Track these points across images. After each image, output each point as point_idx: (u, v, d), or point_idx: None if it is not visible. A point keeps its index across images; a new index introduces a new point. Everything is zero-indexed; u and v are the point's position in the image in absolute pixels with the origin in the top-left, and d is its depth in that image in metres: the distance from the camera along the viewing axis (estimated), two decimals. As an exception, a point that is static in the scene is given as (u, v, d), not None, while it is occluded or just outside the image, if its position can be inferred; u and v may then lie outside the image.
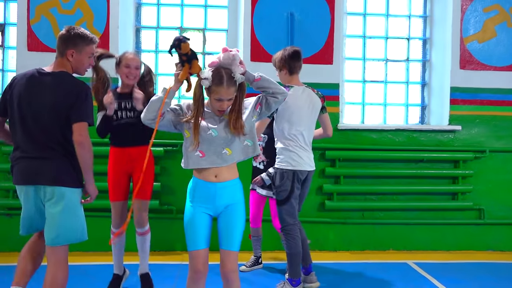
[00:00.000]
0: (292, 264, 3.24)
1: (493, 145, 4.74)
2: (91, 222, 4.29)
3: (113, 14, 4.37)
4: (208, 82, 2.28)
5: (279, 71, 3.35)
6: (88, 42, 2.54)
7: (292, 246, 3.20)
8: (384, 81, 5.02)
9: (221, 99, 2.29)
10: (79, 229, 2.58)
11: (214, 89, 2.28)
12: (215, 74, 2.27)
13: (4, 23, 4.64)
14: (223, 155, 2.34)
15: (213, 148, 2.34)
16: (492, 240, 4.72)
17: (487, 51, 4.72)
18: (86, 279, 3.57)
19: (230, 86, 2.27)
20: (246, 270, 3.88)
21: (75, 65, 2.55)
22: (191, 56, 2.31)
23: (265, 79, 2.34)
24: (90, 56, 2.59)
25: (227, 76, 2.27)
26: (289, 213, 3.21)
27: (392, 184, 4.65)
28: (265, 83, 2.34)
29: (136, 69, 3.21)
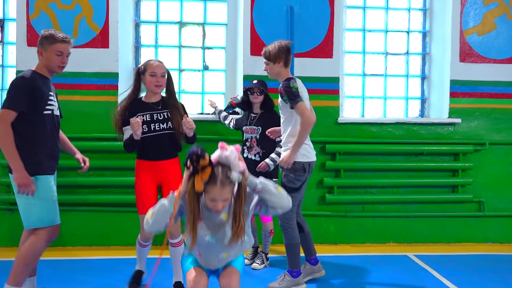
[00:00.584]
0: (292, 255, 3.25)
1: (493, 138, 4.75)
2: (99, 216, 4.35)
3: (113, 9, 4.37)
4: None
5: (272, 63, 3.24)
6: (52, 41, 2.81)
7: (292, 237, 3.22)
8: (384, 75, 5.02)
9: (215, 199, 2.11)
10: (32, 216, 2.76)
11: (209, 189, 2.10)
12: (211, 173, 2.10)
13: (4, 18, 4.63)
14: (220, 258, 2.27)
15: (211, 253, 2.25)
16: (492, 233, 4.74)
17: (487, 43, 4.71)
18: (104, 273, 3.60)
19: (224, 186, 2.08)
20: (260, 267, 3.82)
21: (45, 62, 2.85)
22: (206, 165, 2.10)
23: (267, 191, 2.17)
24: (58, 54, 2.82)
25: (222, 176, 2.08)
26: (293, 203, 3.22)
27: (392, 177, 4.66)
28: (267, 195, 2.17)
29: (162, 77, 3.08)
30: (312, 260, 3.47)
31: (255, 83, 3.88)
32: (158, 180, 3.08)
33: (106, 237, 4.37)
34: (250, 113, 3.93)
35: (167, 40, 4.87)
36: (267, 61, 3.27)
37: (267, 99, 3.88)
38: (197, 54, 4.88)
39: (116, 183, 4.39)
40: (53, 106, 2.88)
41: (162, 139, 3.05)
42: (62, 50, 2.83)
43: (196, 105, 4.89)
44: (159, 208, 2.15)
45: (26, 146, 2.73)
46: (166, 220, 2.15)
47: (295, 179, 3.21)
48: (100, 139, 4.32)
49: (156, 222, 2.14)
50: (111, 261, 3.93)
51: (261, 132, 3.81)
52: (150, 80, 3.05)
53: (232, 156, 2.10)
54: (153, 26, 4.84)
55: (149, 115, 3.05)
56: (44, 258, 3.60)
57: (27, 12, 4.29)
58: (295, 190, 3.22)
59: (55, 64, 2.84)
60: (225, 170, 2.10)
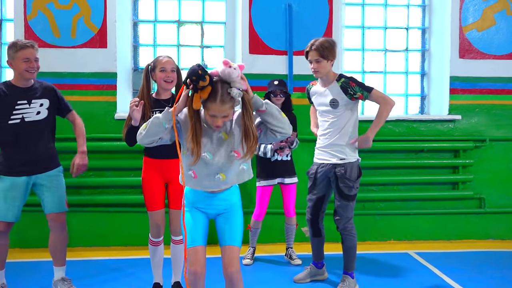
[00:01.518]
0: (352, 258, 3.24)
1: (493, 134, 4.73)
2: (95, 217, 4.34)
3: (110, 8, 4.35)
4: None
5: (326, 61, 3.08)
6: (15, 49, 2.92)
7: (354, 240, 3.21)
8: (383, 72, 5.00)
9: (215, 115, 2.13)
10: None
11: (208, 105, 2.13)
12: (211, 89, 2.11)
13: (1, 19, 4.61)
14: (216, 180, 2.25)
15: (206, 171, 2.24)
16: (492, 229, 4.73)
17: (486, 39, 4.70)
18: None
19: (224, 103, 2.10)
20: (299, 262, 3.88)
21: (16, 72, 2.99)
22: (208, 84, 2.10)
23: (270, 113, 2.18)
24: (25, 60, 2.92)
25: (222, 91, 2.09)
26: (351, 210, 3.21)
27: (392, 175, 4.65)
28: (269, 118, 2.18)
29: (172, 72, 3.02)
30: (319, 264, 3.48)
31: (276, 84, 3.84)
32: (165, 178, 3.04)
33: (106, 237, 4.37)
34: None
35: (166, 39, 4.85)
36: (321, 58, 3.07)
37: (288, 99, 3.88)
38: (196, 53, 4.87)
39: (116, 183, 4.39)
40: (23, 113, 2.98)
41: None
42: (28, 56, 2.93)
43: (195, 104, 4.88)
44: (152, 120, 2.18)
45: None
46: (158, 133, 2.18)
47: (355, 186, 3.18)
48: (99, 139, 4.31)
49: (149, 133, 2.18)
50: (112, 262, 3.93)
51: None
52: (160, 76, 2.99)
53: (235, 73, 2.09)
54: (151, 25, 4.82)
55: (159, 112, 2.92)
56: (44, 259, 3.61)
57: (25, 12, 4.27)
58: (354, 198, 3.20)
59: (23, 69, 2.94)
60: (226, 86, 2.10)
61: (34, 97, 3.03)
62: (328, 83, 3.18)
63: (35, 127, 3.01)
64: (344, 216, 3.19)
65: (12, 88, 3.01)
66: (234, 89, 2.09)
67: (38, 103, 3.03)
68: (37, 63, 2.99)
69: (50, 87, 3.15)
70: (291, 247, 4.00)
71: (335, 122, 3.17)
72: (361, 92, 3.10)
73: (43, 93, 3.07)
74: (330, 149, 3.19)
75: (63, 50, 4.32)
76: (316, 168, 3.28)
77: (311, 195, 3.33)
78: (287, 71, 4.50)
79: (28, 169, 3.01)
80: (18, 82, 3.02)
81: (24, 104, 2.98)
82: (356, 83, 3.11)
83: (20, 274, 3.52)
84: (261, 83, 4.49)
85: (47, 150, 3.08)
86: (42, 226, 3.44)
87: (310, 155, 4.44)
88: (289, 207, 3.92)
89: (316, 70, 3.13)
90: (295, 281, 3.47)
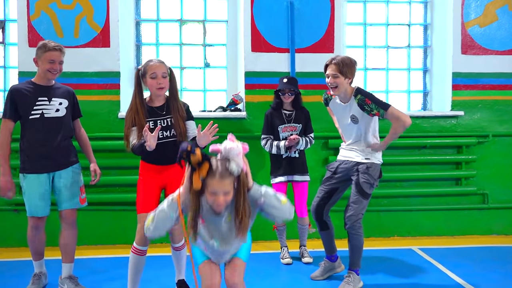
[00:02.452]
0: (358, 256, 3.26)
1: (496, 130, 4.74)
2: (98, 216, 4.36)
3: (113, 8, 4.37)
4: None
5: (343, 78, 3.09)
6: (44, 50, 3.06)
7: (361, 240, 3.23)
8: (385, 68, 5.01)
9: (215, 192, 2.07)
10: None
11: (208, 182, 2.06)
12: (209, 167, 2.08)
13: (4, 19, 4.64)
14: (224, 255, 2.29)
15: (214, 253, 2.27)
16: (496, 225, 4.74)
17: (488, 35, 4.69)
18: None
19: (224, 178, 2.05)
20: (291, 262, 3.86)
21: (40, 70, 3.13)
22: (202, 161, 2.06)
23: (269, 204, 2.14)
24: (50, 62, 3.06)
25: (221, 167, 2.06)
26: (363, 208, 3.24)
27: (395, 171, 4.66)
28: (269, 208, 2.16)
29: (164, 78, 2.85)
30: (333, 257, 3.49)
31: (285, 82, 3.84)
32: (162, 182, 2.92)
33: (111, 236, 4.39)
34: (283, 111, 3.89)
35: (168, 38, 4.87)
36: (338, 74, 3.09)
37: (298, 96, 3.89)
38: (198, 51, 4.88)
39: (120, 182, 4.41)
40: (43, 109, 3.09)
41: (166, 147, 2.84)
42: (53, 58, 3.07)
43: (198, 102, 4.90)
44: (159, 214, 2.14)
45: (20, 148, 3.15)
46: (167, 225, 2.14)
47: (374, 185, 3.22)
48: (103, 138, 4.34)
49: (157, 228, 2.14)
50: (116, 260, 3.95)
51: (301, 128, 3.87)
52: (151, 83, 2.84)
53: (235, 151, 2.07)
54: (154, 24, 4.84)
55: (153, 122, 2.85)
56: (50, 258, 3.63)
57: (28, 13, 4.30)
58: (369, 196, 3.24)
59: (45, 69, 3.08)
60: (225, 162, 2.07)
61: (54, 95, 3.15)
62: (347, 99, 3.23)
63: (53, 123, 3.12)
64: (355, 212, 3.20)
65: (34, 85, 3.14)
66: (233, 164, 2.06)
67: (58, 101, 3.15)
68: (60, 66, 3.13)
69: (70, 91, 3.29)
70: (304, 245, 3.97)
71: (358, 132, 3.26)
72: (377, 110, 3.11)
73: (63, 94, 3.21)
74: (356, 149, 3.26)
75: (66, 50, 4.28)
76: (338, 164, 3.35)
77: (324, 186, 3.38)
78: (289, 69, 4.51)
79: (48, 164, 3.10)
80: (40, 81, 3.14)
81: (44, 100, 3.11)
82: (372, 100, 3.11)
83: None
84: (263, 81, 4.51)
85: (64, 147, 3.16)
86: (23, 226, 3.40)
87: (316, 152, 4.51)
88: (300, 206, 3.89)
89: (333, 85, 3.14)
90: (312, 278, 3.48)
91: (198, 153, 2.04)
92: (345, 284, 3.25)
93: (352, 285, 3.23)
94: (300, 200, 3.90)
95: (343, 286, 3.24)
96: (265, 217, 2.24)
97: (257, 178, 4.44)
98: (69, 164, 3.18)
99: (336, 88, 3.14)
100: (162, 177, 2.91)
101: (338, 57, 3.15)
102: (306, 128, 3.93)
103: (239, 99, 4.57)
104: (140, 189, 2.90)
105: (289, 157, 3.86)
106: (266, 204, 2.15)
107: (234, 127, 4.42)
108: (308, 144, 3.89)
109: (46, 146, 3.09)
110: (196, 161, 2.04)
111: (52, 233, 3.45)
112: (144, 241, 2.80)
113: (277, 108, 3.90)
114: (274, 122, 3.88)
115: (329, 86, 3.18)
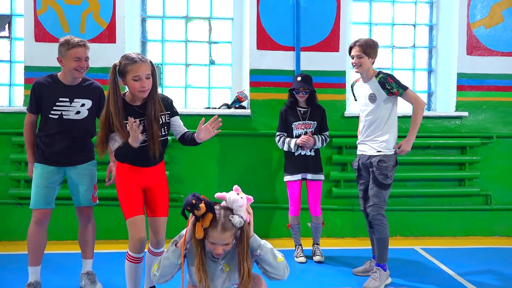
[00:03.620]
0: (383, 249, 3.27)
1: (500, 131, 4.73)
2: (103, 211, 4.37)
3: (119, 4, 4.38)
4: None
5: (367, 58, 3.27)
6: (68, 48, 2.91)
7: (386, 231, 3.25)
8: (390, 68, 5.01)
9: (215, 243, 2.08)
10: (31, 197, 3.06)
11: (209, 232, 2.08)
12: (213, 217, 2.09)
13: (11, 14, 4.65)
14: None
15: None
16: (499, 226, 4.73)
17: (494, 36, 4.69)
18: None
19: (225, 230, 2.06)
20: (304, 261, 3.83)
21: (65, 69, 2.97)
22: (206, 212, 2.09)
23: (265, 260, 2.14)
24: (76, 59, 2.92)
25: (224, 219, 2.07)
26: (385, 198, 3.28)
27: (399, 171, 4.58)
28: (263, 263, 2.16)
29: (148, 79, 2.52)
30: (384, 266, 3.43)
31: (299, 81, 3.82)
32: (143, 183, 2.71)
33: (115, 231, 4.40)
34: (298, 108, 3.89)
35: (174, 34, 4.88)
36: (363, 54, 3.26)
37: (312, 94, 3.88)
38: (204, 48, 4.89)
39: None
40: (62, 110, 2.98)
41: (142, 150, 2.59)
42: (79, 55, 2.92)
43: (203, 99, 4.90)
44: (163, 261, 2.17)
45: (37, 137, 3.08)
46: (173, 271, 2.18)
47: (389, 175, 3.26)
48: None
49: (163, 275, 2.18)
50: (120, 254, 3.96)
51: (317, 126, 3.87)
52: (133, 86, 2.50)
53: (240, 202, 2.10)
54: (160, 21, 4.85)
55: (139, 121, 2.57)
56: (55, 251, 3.66)
57: (35, 8, 4.31)
58: (388, 187, 3.28)
59: (72, 68, 2.94)
60: (228, 213, 2.09)
61: (77, 95, 3.01)
62: (368, 79, 3.36)
63: (72, 125, 3.00)
64: (376, 203, 3.25)
65: (57, 83, 3.00)
66: (236, 216, 2.07)
67: (80, 102, 3.01)
68: (87, 62, 2.99)
69: (97, 87, 3.11)
70: (317, 244, 3.95)
71: (373, 116, 3.33)
72: (397, 89, 3.28)
73: (87, 93, 3.04)
74: (369, 142, 3.35)
75: (72, 45, 4.34)
76: (358, 160, 3.47)
77: (359, 186, 3.48)
78: (294, 67, 4.51)
79: (62, 161, 3.02)
80: (65, 79, 3.01)
81: (65, 101, 2.98)
82: (393, 79, 3.30)
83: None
84: (268, 79, 4.52)
85: (82, 146, 3.08)
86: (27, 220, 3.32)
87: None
88: (315, 204, 3.88)
89: (358, 64, 3.30)
90: (354, 273, 3.51)
91: (203, 206, 2.06)
92: (371, 280, 3.22)
93: (378, 282, 3.20)
94: (314, 198, 3.89)
95: (369, 282, 3.22)
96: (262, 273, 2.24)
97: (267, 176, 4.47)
98: (84, 161, 3.10)
99: (360, 67, 3.31)
100: (141, 177, 2.69)
101: (362, 39, 3.32)
102: (322, 126, 3.93)
103: (243, 96, 4.58)
104: (123, 193, 2.66)
105: (304, 155, 3.84)
106: (260, 258, 2.16)
107: (238, 125, 4.43)
108: (323, 142, 3.90)
109: (60, 146, 2.99)
110: (201, 212, 2.07)
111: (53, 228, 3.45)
112: (139, 248, 2.63)
113: (292, 106, 3.90)
114: (289, 119, 3.88)
115: (354, 66, 3.34)
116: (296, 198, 3.87)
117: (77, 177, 3.08)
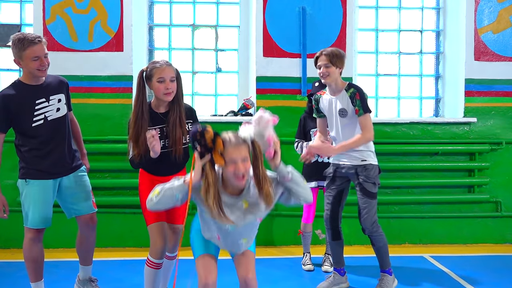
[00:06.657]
0: (385, 256, 3.25)
1: (509, 137, 4.68)
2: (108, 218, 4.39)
3: (127, 13, 4.42)
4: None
5: (334, 67, 3.15)
6: (22, 47, 2.60)
7: (384, 238, 3.24)
8: (397, 74, 4.99)
9: (235, 160, 2.08)
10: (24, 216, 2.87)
11: (225, 153, 2.09)
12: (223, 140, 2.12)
13: (21, 23, 4.71)
14: (240, 245, 2.29)
15: (229, 239, 2.26)
16: (509, 233, 4.67)
17: (502, 41, 4.65)
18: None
19: (239, 143, 2.11)
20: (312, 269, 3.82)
21: (26, 71, 2.71)
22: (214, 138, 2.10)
23: (296, 181, 2.18)
24: (34, 59, 2.63)
25: (233, 136, 2.14)
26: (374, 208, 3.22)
27: (407, 178, 4.63)
28: (294, 185, 2.18)
29: (172, 82, 2.58)
30: (342, 271, 3.42)
31: (317, 86, 3.76)
32: None
33: (122, 238, 4.42)
34: None
35: (180, 43, 4.91)
36: (329, 63, 3.15)
37: None
38: (210, 56, 4.91)
39: (131, 185, 4.41)
40: (45, 112, 2.76)
41: (165, 156, 2.62)
42: (37, 54, 2.64)
43: (209, 106, 4.92)
44: (166, 191, 2.12)
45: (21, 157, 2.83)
46: (170, 204, 2.15)
47: (377, 183, 3.20)
48: (115, 141, 4.36)
49: (160, 203, 2.14)
50: (127, 262, 3.97)
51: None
52: (158, 88, 2.58)
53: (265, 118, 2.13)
54: (167, 29, 4.89)
55: (159, 129, 2.64)
56: (61, 259, 3.67)
57: (44, 17, 4.37)
58: (376, 196, 3.22)
59: (34, 68, 2.67)
60: (235, 133, 2.15)
61: (50, 92, 2.80)
62: (337, 91, 3.21)
63: (58, 125, 2.81)
64: (369, 214, 3.19)
65: (25, 87, 2.74)
66: (242, 128, 2.14)
67: (56, 98, 2.81)
68: (47, 59, 2.70)
69: (64, 81, 2.94)
70: (329, 253, 3.82)
71: (349, 128, 3.19)
72: (359, 108, 3.12)
73: (58, 88, 2.86)
74: (350, 152, 3.18)
75: (80, 53, 4.39)
76: (334, 168, 3.29)
77: (330, 191, 3.31)
78: (301, 74, 4.51)
79: (56, 171, 2.83)
80: (30, 80, 2.75)
81: (43, 102, 2.75)
82: (360, 97, 3.12)
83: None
84: (275, 86, 4.52)
85: (70, 149, 2.91)
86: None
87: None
88: None
89: (325, 74, 3.17)
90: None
91: (210, 129, 2.09)
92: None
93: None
94: (311, 206, 3.85)
95: None
96: (284, 202, 2.26)
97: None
98: (76, 168, 2.94)
99: (328, 76, 3.18)
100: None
101: (328, 49, 3.23)
102: None
103: (250, 103, 4.58)
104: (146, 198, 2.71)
105: (321, 162, 3.75)
106: (293, 181, 2.17)
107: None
108: None
109: (56, 153, 2.81)
110: (211, 139, 2.07)
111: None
112: (160, 254, 2.64)
113: (311, 112, 3.87)
114: (307, 125, 3.85)
115: (322, 76, 3.21)
116: (311, 205, 3.84)
117: (75, 185, 2.92)
